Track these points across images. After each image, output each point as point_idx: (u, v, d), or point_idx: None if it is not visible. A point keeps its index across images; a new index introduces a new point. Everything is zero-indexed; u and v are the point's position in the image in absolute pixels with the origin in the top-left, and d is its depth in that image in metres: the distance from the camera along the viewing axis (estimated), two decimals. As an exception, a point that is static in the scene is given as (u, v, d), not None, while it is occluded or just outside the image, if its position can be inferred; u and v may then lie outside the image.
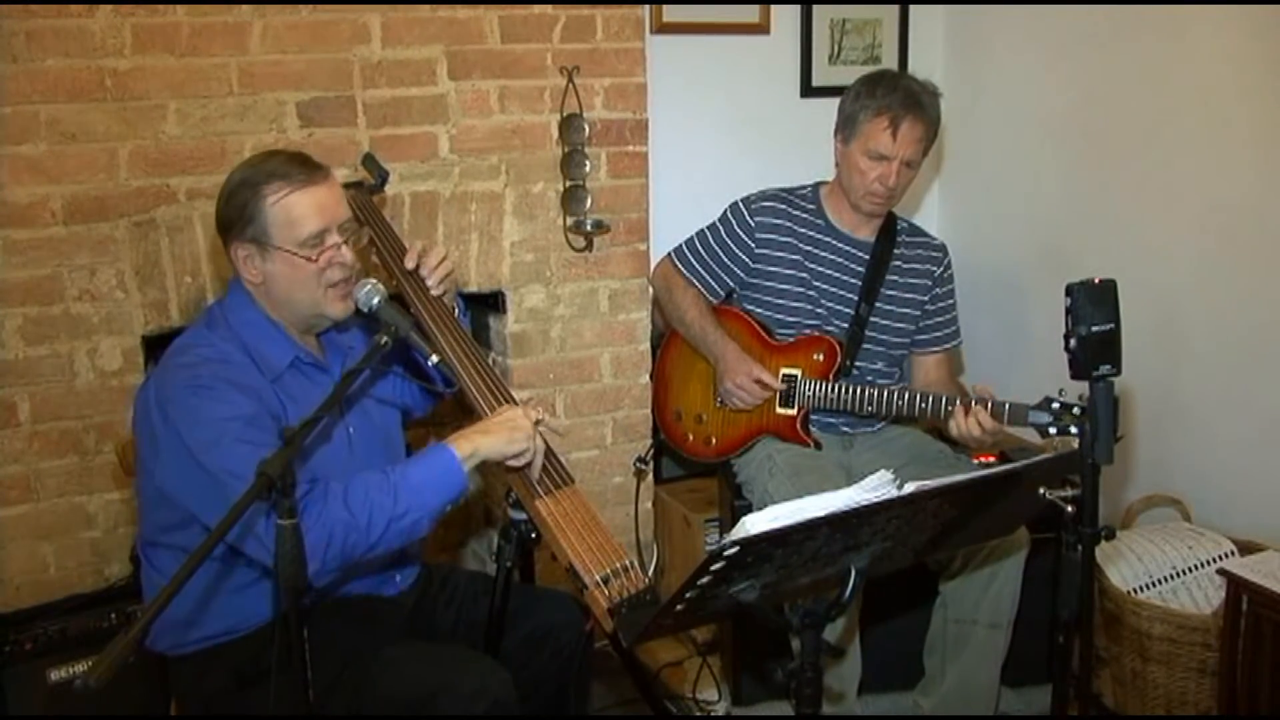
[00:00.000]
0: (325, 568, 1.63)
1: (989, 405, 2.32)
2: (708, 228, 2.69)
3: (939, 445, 2.63)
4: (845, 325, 2.60)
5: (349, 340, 2.00)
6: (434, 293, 2.04)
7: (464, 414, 2.98)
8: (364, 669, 1.76)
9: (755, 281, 2.64)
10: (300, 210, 1.77)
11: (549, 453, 1.88)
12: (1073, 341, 1.71)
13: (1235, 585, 2.23)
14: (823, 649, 1.58)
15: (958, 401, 2.36)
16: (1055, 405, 2.21)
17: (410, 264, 2.04)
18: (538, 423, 1.82)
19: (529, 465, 1.82)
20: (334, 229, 1.80)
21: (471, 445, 1.75)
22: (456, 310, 2.10)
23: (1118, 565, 2.49)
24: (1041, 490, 1.69)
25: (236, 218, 1.78)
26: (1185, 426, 2.75)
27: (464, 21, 2.61)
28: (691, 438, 2.71)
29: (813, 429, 2.58)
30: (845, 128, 2.53)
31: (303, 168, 1.80)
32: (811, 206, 2.64)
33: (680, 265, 2.70)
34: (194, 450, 1.66)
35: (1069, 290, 1.72)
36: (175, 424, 1.68)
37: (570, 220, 2.80)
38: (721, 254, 2.65)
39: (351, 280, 1.84)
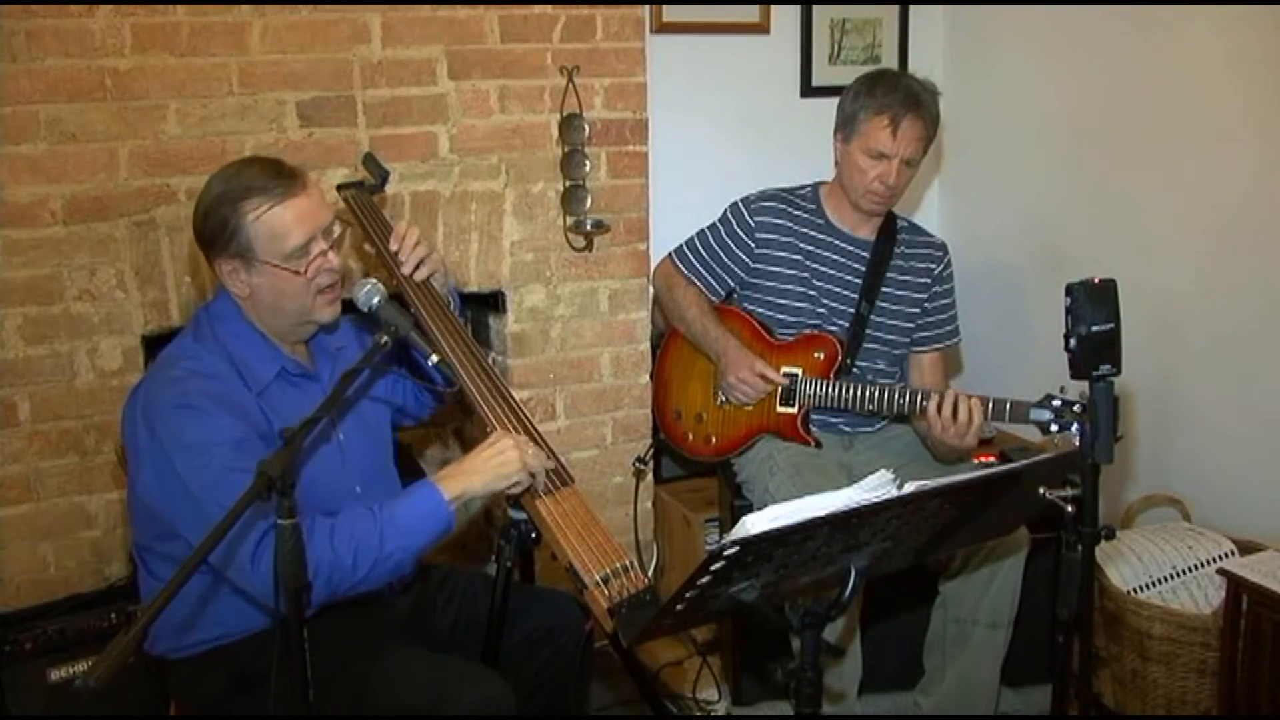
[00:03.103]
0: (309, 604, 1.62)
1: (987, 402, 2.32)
2: (708, 228, 2.69)
3: (939, 445, 2.63)
4: (846, 324, 2.60)
5: (337, 342, 1.99)
6: (406, 272, 2.01)
7: (464, 414, 2.99)
8: (364, 677, 1.75)
9: (756, 281, 2.64)
10: (283, 224, 1.75)
11: (549, 453, 1.88)
12: (1073, 341, 1.71)
13: (1235, 585, 2.23)
14: (823, 649, 1.58)
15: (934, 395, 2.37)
16: (1056, 402, 2.22)
17: (394, 246, 2.03)
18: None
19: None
20: (318, 236, 1.80)
21: (460, 486, 1.75)
22: (453, 304, 2.09)
23: (1118, 565, 2.49)
24: (1041, 490, 1.69)
25: (218, 234, 1.76)
26: (1185, 426, 2.74)
27: (464, 21, 2.61)
28: (691, 437, 2.71)
29: (813, 428, 2.58)
30: (845, 127, 2.54)
31: (279, 179, 1.77)
32: (811, 206, 2.64)
33: (681, 265, 2.70)
34: (180, 471, 1.66)
35: (1069, 290, 1.72)
36: (162, 441, 1.68)
37: (570, 220, 2.80)
38: (722, 254, 2.65)
39: (339, 285, 1.84)
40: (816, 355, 2.56)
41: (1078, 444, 1.99)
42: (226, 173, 1.81)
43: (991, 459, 2.63)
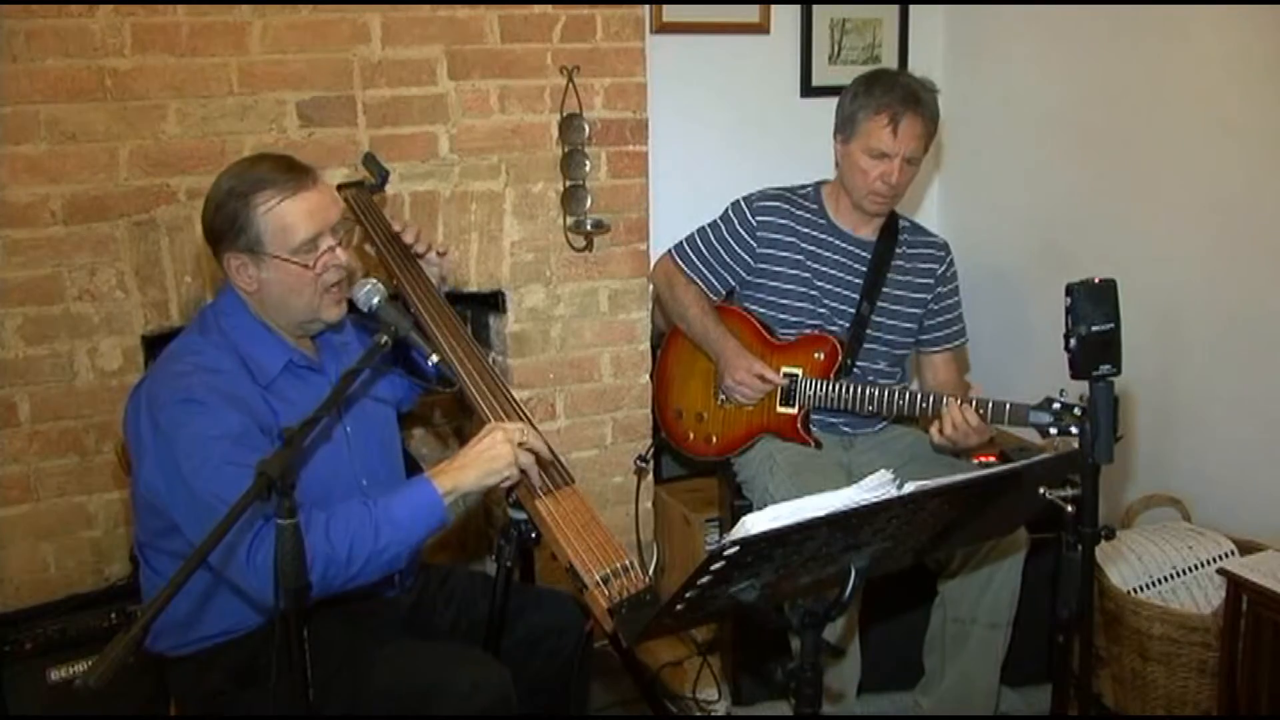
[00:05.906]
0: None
1: (974, 403, 2.33)
2: (709, 225, 2.69)
3: (939, 445, 2.63)
4: (846, 325, 2.60)
5: (343, 338, 2.00)
6: (420, 250, 2.07)
7: (464, 413, 2.99)
8: (361, 666, 1.76)
9: (756, 281, 2.64)
10: (293, 218, 1.75)
11: (549, 453, 1.88)
12: (1073, 341, 1.71)
13: (1235, 585, 2.23)
14: (823, 649, 1.58)
15: (945, 400, 2.37)
16: (1056, 406, 2.22)
17: (409, 239, 2.09)
18: (521, 444, 1.79)
19: (524, 474, 1.82)
20: (327, 232, 1.80)
21: (452, 481, 1.75)
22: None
23: (1118, 565, 2.49)
24: (1041, 490, 1.69)
25: (228, 228, 1.76)
26: (1185, 426, 2.74)
27: (464, 21, 2.61)
28: (692, 436, 2.71)
29: (813, 428, 2.58)
30: (845, 128, 2.54)
31: (290, 173, 1.78)
32: (813, 206, 2.64)
33: (681, 262, 2.70)
34: (181, 467, 1.66)
35: (1069, 290, 1.72)
36: (165, 435, 1.68)
37: (570, 220, 2.80)
38: (723, 252, 2.65)
39: (345, 282, 1.84)
40: (817, 355, 2.56)
41: (1078, 444, 1.99)
42: (237, 168, 1.81)
43: (991, 459, 2.62)
